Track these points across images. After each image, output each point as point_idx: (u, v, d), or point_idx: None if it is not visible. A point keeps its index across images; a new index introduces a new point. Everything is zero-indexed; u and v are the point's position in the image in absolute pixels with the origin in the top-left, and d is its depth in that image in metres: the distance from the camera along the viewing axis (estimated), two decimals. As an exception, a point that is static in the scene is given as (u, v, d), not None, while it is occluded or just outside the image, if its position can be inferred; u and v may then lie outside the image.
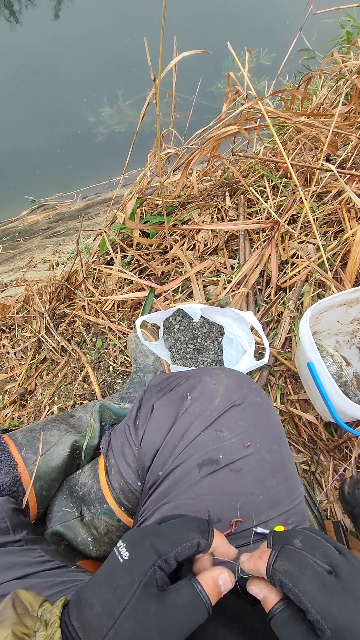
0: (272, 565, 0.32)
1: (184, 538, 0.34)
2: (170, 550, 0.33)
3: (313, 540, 0.34)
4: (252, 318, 0.88)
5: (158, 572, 0.32)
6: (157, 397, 0.59)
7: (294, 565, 0.31)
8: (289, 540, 0.34)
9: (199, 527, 0.35)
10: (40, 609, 0.33)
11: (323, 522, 0.83)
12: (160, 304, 1.10)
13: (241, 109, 1.03)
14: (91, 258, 1.28)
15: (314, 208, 1.18)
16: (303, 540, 0.34)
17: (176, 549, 0.33)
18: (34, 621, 0.31)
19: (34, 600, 0.34)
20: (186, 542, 0.33)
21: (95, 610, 0.31)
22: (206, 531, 0.35)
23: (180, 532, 0.34)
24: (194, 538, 0.34)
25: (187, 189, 1.35)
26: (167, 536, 0.34)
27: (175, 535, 0.34)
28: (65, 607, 0.33)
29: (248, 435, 0.50)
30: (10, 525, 0.52)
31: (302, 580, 0.30)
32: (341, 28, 1.99)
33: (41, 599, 0.35)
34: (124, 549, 0.34)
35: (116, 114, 2.63)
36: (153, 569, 0.32)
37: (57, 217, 2.24)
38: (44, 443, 0.65)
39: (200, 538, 0.34)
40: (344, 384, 0.90)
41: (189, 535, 0.34)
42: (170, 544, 0.33)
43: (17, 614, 0.31)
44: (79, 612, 0.32)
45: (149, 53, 0.71)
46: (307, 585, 0.30)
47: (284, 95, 1.34)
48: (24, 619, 0.31)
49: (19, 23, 3.13)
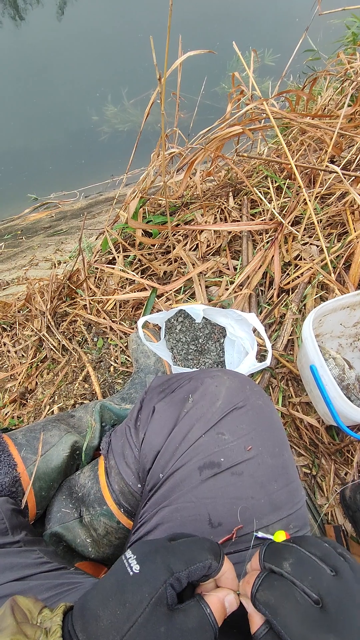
0: (255, 595, 0.31)
1: (197, 558, 0.33)
2: (183, 569, 0.32)
3: (305, 564, 0.32)
4: (254, 320, 0.87)
5: (169, 591, 0.31)
6: (158, 398, 0.58)
7: (275, 596, 0.30)
8: (279, 562, 0.32)
9: (211, 548, 0.34)
10: (39, 616, 0.33)
11: (324, 526, 0.83)
12: (162, 305, 1.09)
13: (246, 109, 1.02)
14: (93, 257, 1.28)
15: (318, 210, 1.17)
16: (293, 564, 0.32)
17: (189, 568, 0.32)
18: (34, 630, 0.30)
19: (33, 607, 0.33)
20: (199, 563, 0.33)
21: (102, 623, 0.30)
22: (218, 554, 0.34)
23: (194, 551, 0.34)
24: (207, 559, 0.33)
25: (191, 189, 1.35)
26: (181, 554, 0.33)
27: (189, 554, 0.33)
28: (65, 614, 0.33)
29: (250, 438, 0.50)
30: (9, 526, 0.52)
31: (282, 613, 0.29)
32: (347, 29, 1.98)
33: (40, 605, 0.34)
34: (134, 562, 0.33)
35: (120, 113, 2.63)
36: (164, 586, 0.31)
37: (60, 215, 2.24)
38: (43, 443, 0.65)
39: (213, 560, 0.33)
40: (347, 387, 0.90)
41: (203, 556, 0.33)
42: (183, 563, 0.32)
43: (16, 622, 0.30)
44: (84, 623, 0.31)
45: (155, 52, 0.70)
46: (287, 618, 0.29)
47: (289, 96, 1.34)
48: (24, 627, 0.30)
49: (24, 22, 3.13)
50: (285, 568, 0.32)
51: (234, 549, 0.46)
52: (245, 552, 0.46)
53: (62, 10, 3.17)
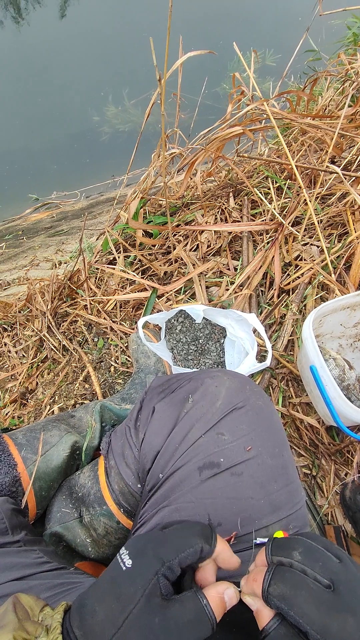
0: (267, 590, 0.31)
1: (187, 544, 0.33)
2: (173, 557, 0.32)
3: (314, 552, 0.32)
4: (254, 320, 0.87)
5: (162, 581, 0.32)
6: (158, 398, 0.58)
7: (288, 587, 0.30)
8: (289, 552, 0.33)
9: (202, 532, 0.34)
10: (41, 614, 0.33)
11: (324, 527, 0.83)
12: (163, 305, 1.09)
13: (246, 109, 1.02)
14: (94, 257, 1.28)
15: (318, 210, 1.17)
16: (303, 552, 0.32)
17: (179, 556, 0.32)
18: (35, 627, 0.31)
19: (34, 605, 0.34)
20: (189, 548, 0.33)
21: (98, 618, 0.31)
22: (209, 537, 0.34)
23: (183, 538, 0.34)
24: (197, 544, 0.33)
25: (191, 190, 1.35)
26: (170, 543, 0.33)
27: (179, 541, 0.34)
28: (66, 612, 0.33)
29: (249, 438, 0.50)
30: (9, 525, 0.52)
31: (298, 602, 0.29)
32: (348, 29, 1.98)
33: (42, 604, 0.34)
34: (127, 557, 0.33)
35: (121, 113, 2.63)
36: (157, 577, 0.31)
37: (61, 216, 2.24)
38: (44, 443, 0.65)
39: (204, 543, 0.33)
40: (347, 387, 0.90)
41: (192, 541, 0.33)
42: (173, 551, 0.33)
43: (18, 618, 0.31)
44: (81, 619, 0.31)
45: (155, 53, 0.71)
46: (304, 606, 0.29)
47: (290, 97, 1.34)
48: (25, 624, 0.31)
49: (25, 22, 3.14)
50: (296, 557, 0.32)
51: (234, 549, 0.46)
52: (246, 552, 0.46)
53: (63, 10, 3.18)
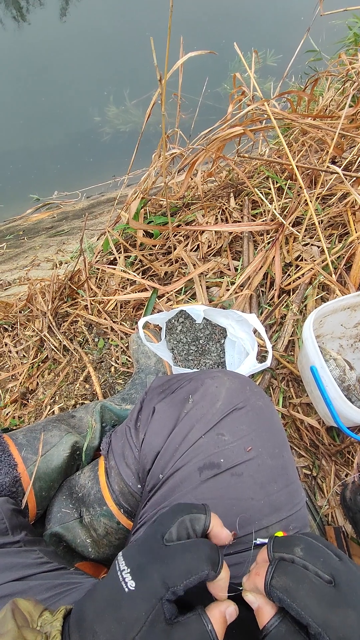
0: (270, 582, 0.31)
1: (195, 570, 0.32)
2: (179, 583, 0.31)
3: (315, 548, 0.33)
4: (255, 320, 0.87)
5: (166, 606, 0.31)
6: (158, 399, 0.58)
7: (291, 580, 0.30)
8: (290, 549, 0.33)
9: (210, 557, 0.33)
10: (40, 619, 0.32)
11: (324, 527, 0.83)
12: (163, 305, 1.09)
13: (247, 110, 1.02)
14: (94, 258, 1.28)
15: (319, 210, 1.17)
16: (305, 549, 0.33)
17: (185, 582, 0.31)
18: (34, 634, 0.30)
19: (33, 610, 0.33)
20: (196, 575, 0.32)
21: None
22: (216, 562, 0.33)
23: (192, 562, 0.32)
24: (204, 570, 0.32)
25: (192, 190, 1.35)
26: (177, 567, 0.32)
27: (186, 566, 0.32)
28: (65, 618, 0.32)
29: (250, 439, 0.50)
30: (9, 526, 0.52)
31: (301, 595, 0.30)
32: (349, 30, 1.98)
33: (41, 608, 0.34)
34: (129, 576, 0.32)
35: (122, 113, 2.63)
36: (161, 603, 0.30)
37: (61, 216, 2.24)
38: (44, 443, 0.65)
39: (210, 570, 0.32)
40: (347, 388, 0.90)
41: (200, 567, 0.32)
42: (180, 577, 0.31)
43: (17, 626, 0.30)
44: (81, 637, 0.30)
45: (156, 53, 0.71)
46: (306, 599, 0.29)
47: (290, 97, 1.34)
48: (25, 632, 0.30)
49: (26, 22, 3.14)
50: (297, 553, 0.32)
51: (234, 549, 0.46)
52: (245, 553, 0.46)
53: (64, 10, 3.18)
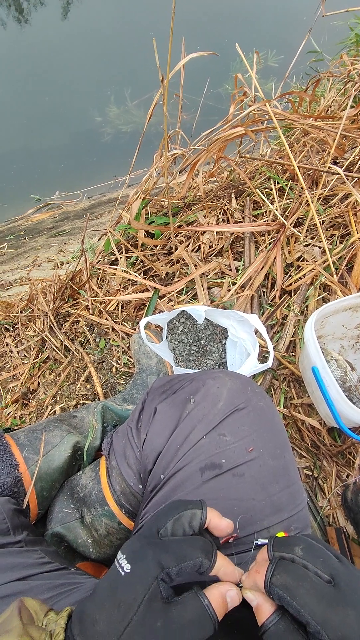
0: (270, 580, 0.31)
1: (188, 556, 0.33)
2: (174, 566, 0.32)
3: (315, 549, 0.33)
4: (256, 321, 0.87)
5: (162, 585, 0.32)
6: (160, 399, 0.58)
7: (291, 578, 0.31)
8: (290, 548, 0.33)
9: (203, 547, 0.34)
10: (45, 619, 0.33)
11: (325, 528, 0.83)
12: (165, 305, 1.09)
13: (248, 110, 1.02)
14: (96, 258, 1.28)
15: (321, 211, 1.17)
16: (305, 549, 0.33)
17: (180, 565, 0.32)
18: (39, 632, 0.31)
19: (39, 609, 0.34)
20: (190, 561, 0.33)
21: (99, 627, 0.31)
22: (210, 552, 0.34)
23: (186, 549, 0.34)
24: (198, 557, 0.33)
25: (193, 190, 1.35)
26: (172, 551, 0.33)
27: (181, 551, 0.33)
28: (70, 618, 0.33)
29: (251, 440, 0.50)
30: (10, 526, 0.52)
31: (301, 593, 0.30)
32: (350, 31, 1.98)
33: (46, 608, 0.34)
34: (125, 561, 0.33)
35: (123, 114, 2.64)
36: (157, 581, 0.31)
37: (63, 216, 2.24)
38: (45, 443, 0.65)
39: (204, 559, 0.33)
40: (348, 389, 0.89)
41: (194, 554, 0.33)
42: (174, 560, 0.33)
43: (23, 623, 0.31)
44: (82, 628, 0.31)
45: (158, 53, 0.71)
46: (306, 597, 0.30)
47: (292, 98, 1.34)
48: (30, 629, 0.31)
49: (27, 23, 3.15)
50: (297, 553, 0.33)
51: (235, 550, 0.46)
52: (246, 554, 0.46)
53: (65, 11, 3.19)
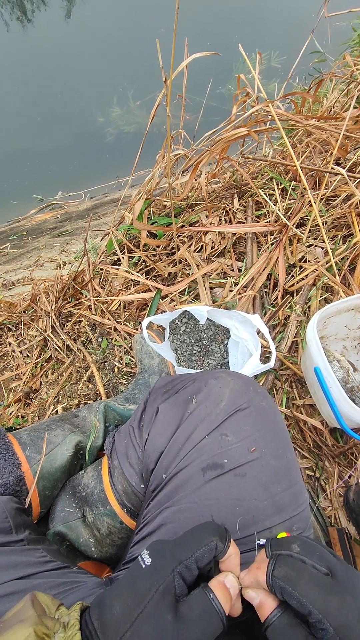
0: (272, 573, 0.33)
1: (202, 542, 0.34)
2: (190, 556, 0.34)
3: (310, 545, 0.35)
4: (258, 321, 0.87)
5: (178, 580, 0.33)
6: (162, 399, 0.59)
7: (292, 570, 0.32)
8: (287, 546, 0.35)
9: (216, 530, 0.36)
10: (57, 612, 0.34)
11: (327, 529, 0.82)
12: (167, 306, 1.09)
13: (251, 111, 1.02)
14: (98, 258, 1.28)
15: (323, 211, 1.17)
16: (301, 545, 0.35)
17: (195, 554, 0.34)
18: (53, 622, 0.32)
19: (51, 603, 0.35)
20: (205, 546, 0.34)
21: (115, 612, 0.32)
22: (224, 536, 0.36)
23: (198, 536, 0.35)
24: (212, 541, 0.34)
25: (196, 191, 1.35)
26: (186, 543, 0.35)
27: (194, 540, 0.35)
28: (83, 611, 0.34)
29: (253, 440, 0.50)
30: (13, 524, 0.52)
31: (301, 584, 0.31)
32: (353, 31, 1.98)
33: (58, 603, 0.35)
34: (147, 556, 0.35)
35: (126, 114, 2.64)
36: (173, 575, 0.33)
37: (65, 216, 2.25)
38: (48, 443, 0.65)
39: (218, 541, 0.35)
40: (351, 389, 0.89)
41: (207, 539, 0.35)
42: (189, 550, 0.34)
43: (37, 614, 0.32)
44: (100, 613, 0.33)
45: (161, 54, 0.71)
46: (307, 588, 0.31)
47: (295, 98, 1.34)
48: (44, 619, 0.32)
49: (30, 24, 3.16)
50: (294, 549, 0.34)
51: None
52: (249, 554, 0.46)
53: (68, 12, 3.20)
